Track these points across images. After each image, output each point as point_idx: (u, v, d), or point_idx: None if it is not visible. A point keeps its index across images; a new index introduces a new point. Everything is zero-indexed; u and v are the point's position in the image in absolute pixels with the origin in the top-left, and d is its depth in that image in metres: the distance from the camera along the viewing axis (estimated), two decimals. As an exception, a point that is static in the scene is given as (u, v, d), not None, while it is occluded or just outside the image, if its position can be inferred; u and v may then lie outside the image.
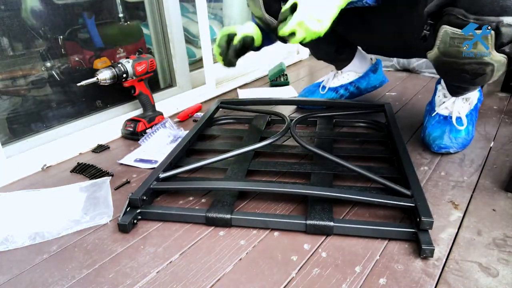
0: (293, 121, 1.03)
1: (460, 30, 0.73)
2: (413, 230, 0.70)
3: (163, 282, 0.65)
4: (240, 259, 0.69)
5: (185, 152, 1.03)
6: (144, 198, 0.81)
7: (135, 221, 0.79)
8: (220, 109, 1.30)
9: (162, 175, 0.87)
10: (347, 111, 1.20)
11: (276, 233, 0.75)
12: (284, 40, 0.88)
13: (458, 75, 0.82)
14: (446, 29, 0.75)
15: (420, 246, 0.67)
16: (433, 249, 0.66)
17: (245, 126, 1.23)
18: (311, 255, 0.69)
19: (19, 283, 0.67)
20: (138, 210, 0.80)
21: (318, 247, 0.71)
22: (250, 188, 0.83)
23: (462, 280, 0.62)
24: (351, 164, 0.83)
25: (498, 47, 0.73)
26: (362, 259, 0.68)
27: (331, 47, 1.28)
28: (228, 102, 1.30)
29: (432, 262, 0.66)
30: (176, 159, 0.96)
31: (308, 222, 0.73)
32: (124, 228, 0.77)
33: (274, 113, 1.16)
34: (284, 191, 0.80)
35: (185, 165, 0.91)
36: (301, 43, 1.11)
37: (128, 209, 0.80)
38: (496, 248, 0.69)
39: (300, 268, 0.66)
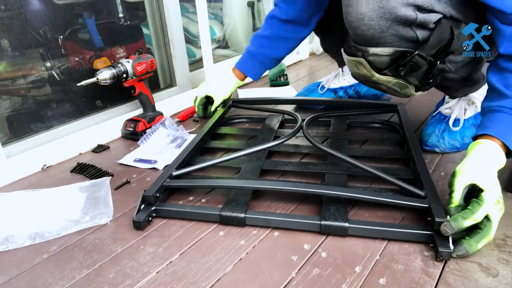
0: (305, 120, 1.02)
1: (345, 55, 0.84)
2: (430, 232, 0.69)
3: (163, 282, 0.65)
4: (240, 259, 0.69)
5: (198, 150, 1.03)
6: (157, 195, 0.81)
7: (149, 218, 0.79)
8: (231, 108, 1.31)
9: (175, 173, 0.87)
10: (360, 111, 1.20)
11: (276, 233, 0.75)
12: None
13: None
14: (342, 52, 0.87)
15: (437, 249, 0.66)
16: (450, 252, 0.65)
17: (258, 125, 1.23)
18: (311, 255, 0.69)
19: (19, 283, 0.67)
20: (153, 208, 0.80)
21: (318, 247, 0.71)
22: (265, 187, 0.82)
23: (462, 280, 0.62)
24: (364, 164, 0.82)
25: (380, 71, 0.80)
26: (362, 259, 0.68)
27: (339, 39, 1.28)
28: (240, 101, 1.31)
29: (432, 262, 0.66)
30: (189, 157, 0.97)
31: (323, 222, 0.73)
32: (139, 225, 0.77)
33: (286, 113, 1.17)
34: (299, 190, 0.79)
35: (198, 163, 0.92)
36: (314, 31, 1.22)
37: (142, 207, 0.80)
38: (496, 248, 0.69)
39: (300, 268, 0.66)
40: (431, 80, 0.81)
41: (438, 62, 0.76)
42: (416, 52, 0.73)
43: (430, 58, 0.75)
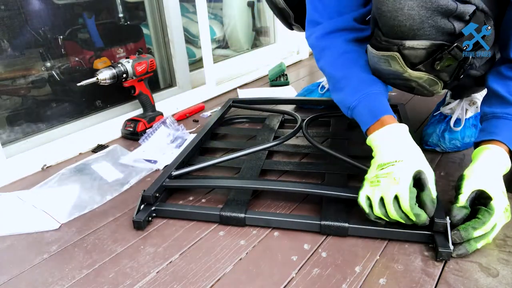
0: (305, 120, 1.02)
1: (374, 50, 0.78)
2: (430, 232, 0.69)
3: (163, 282, 0.65)
4: (240, 259, 0.69)
5: (198, 150, 1.03)
6: (157, 195, 0.81)
7: (149, 218, 0.79)
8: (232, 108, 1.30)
9: (174, 173, 0.87)
10: None
11: (276, 233, 0.75)
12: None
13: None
14: (368, 49, 0.81)
15: (437, 249, 0.66)
16: (450, 252, 0.65)
17: (258, 125, 1.23)
18: (311, 255, 0.69)
19: (19, 283, 0.67)
20: (153, 208, 0.80)
21: (318, 247, 0.71)
22: (265, 187, 0.82)
23: (462, 280, 0.62)
24: (364, 164, 0.81)
25: (412, 66, 0.76)
26: (362, 259, 0.68)
27: None
28: (240, 101, 1.31)
29: (432, 262, 0.66)
30: (189, 157, 0.97)
31: (323, 222, 0.73)
32: (139, 225, 0.77)
33: (286, 113, 1.17)
34: (299, 190, 0.80)
35: (197, 163, 0.92)
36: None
37: (142, 207, 0.80)
38: (496, 248, 0.69)
39: (300, 268, 0.66)
40: (462, 76, 0.78)
41: (471, 56, 0.75)
42: (455, 44, 0.71)
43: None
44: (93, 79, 1.07)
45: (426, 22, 0.70)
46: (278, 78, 1.63)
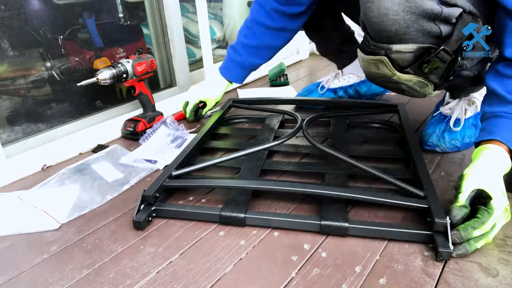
0: (305, 120, 1.03)
1: (364, 54, 0.80)
2: (430, 232, 0.69)
3: (163, 282, 0.65)
4: (240, 259, 0.69)
5: (198, 150, 1.03)
6: (157, 195, 0.81)
7: (149, 218, 0.79)
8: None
9: (174, 173, 0.87)
10: (360, 111, 1.20)
11: (276, 233, 0.75)
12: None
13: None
14: (358, 53, 0.83)
15: (437, 249, 0.66)
16: (450, 252, 0.65)
17: (258, 125, 1.23)
18: (311, 255, 0.69)
19: (19, 283, 0.67)
20: (153, 208, 0.80)
21: (318, 247, 0.71)
22: (265, 187, 0.82)
23: (462, 280, 0.62)
24: (364, 164, 0.82)
25: (401, 70, 0.77)
26: (362, 259, 0.68)
27: (335, 42, 1.28)
28: (240, 101, 1.31)
29: (432, 262, 0.66)
30: (189, 157, 0.97)
31: (323, 222, 0.73)
32: (139, 225, 0.77)
33: (286, 113, 1.17)
34: (299, 190, 0.79)
35: (197, 163, 0.92)
36: (306, 33, 1.24)
37: (142, 207, 0.80)
38: (496, 248, 0.69)
39: (300, 268, 0.66)
40: (451, 77, 0.79)
41: (459, 58, 0.76)
42: (442, 47, 0.72)
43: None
44: (93, 79, 1.07)
45: (411, 27, 0.71)
46: (278, 78, 1.63)
